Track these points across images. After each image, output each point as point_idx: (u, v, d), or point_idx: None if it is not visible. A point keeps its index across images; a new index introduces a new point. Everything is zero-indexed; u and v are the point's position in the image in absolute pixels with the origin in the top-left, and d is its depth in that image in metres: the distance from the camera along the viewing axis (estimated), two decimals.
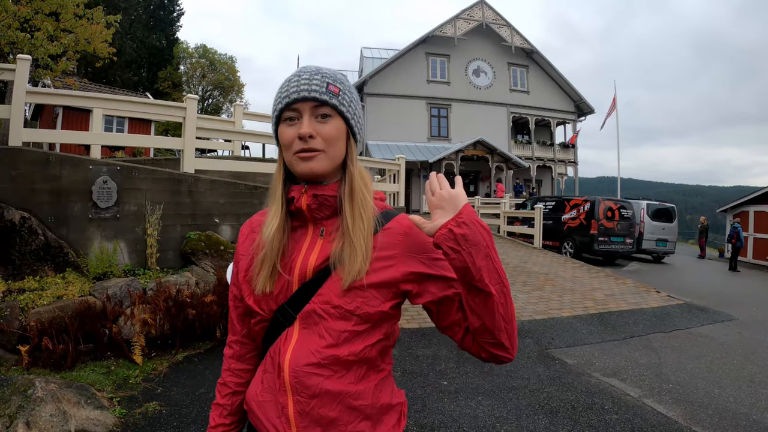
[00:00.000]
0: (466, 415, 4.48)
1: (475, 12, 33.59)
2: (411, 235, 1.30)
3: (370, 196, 1.31)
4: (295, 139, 1.24)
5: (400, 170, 13.25)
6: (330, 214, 1.30)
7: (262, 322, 1.33)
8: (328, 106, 1.25)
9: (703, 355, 6.55)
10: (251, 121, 15.30)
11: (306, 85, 1.24)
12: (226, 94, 48.58)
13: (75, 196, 6.49)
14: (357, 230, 1.23)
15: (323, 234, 1.30)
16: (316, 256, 1.27)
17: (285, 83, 1.28)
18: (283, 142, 1.27)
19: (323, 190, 1.28)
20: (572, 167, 36.60)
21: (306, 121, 1.24)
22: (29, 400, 3.68)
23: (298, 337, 1.24)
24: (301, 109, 1.24)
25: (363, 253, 1.22)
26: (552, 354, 6.31)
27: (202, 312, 5.94)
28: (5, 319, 4.91)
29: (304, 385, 1.19)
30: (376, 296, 1.23)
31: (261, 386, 1.30)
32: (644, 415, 4.63)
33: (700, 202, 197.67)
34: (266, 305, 1.30)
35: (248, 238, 1.42)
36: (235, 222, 7.89)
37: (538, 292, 9.83)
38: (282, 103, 1.26)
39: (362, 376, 1.24)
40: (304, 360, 1.20)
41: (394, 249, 1.28)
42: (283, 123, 1.28)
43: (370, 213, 1.28)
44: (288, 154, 1.27)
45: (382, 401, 1.27)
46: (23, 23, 11.36)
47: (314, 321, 1.23)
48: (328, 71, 1.30)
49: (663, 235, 19.50)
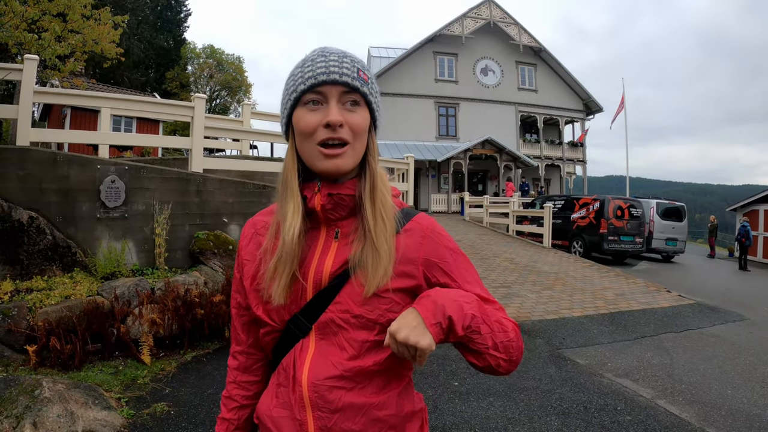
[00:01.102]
0: (478, 416, 4.43)
1: (483, 10, 33.51)
2: (434, 238, 1.22)
3: (389, 195, 1.20)
4: (319, 127, 1.10)
5: (409, 169, 13.24)
6: (346, 214, 1.19)
7: (272, 333, 1.22)
8: (359, 94, 1.14)
9: (715, 356, 6.48)
10: (259, 120, 15.31)
11: (336, 67, 1.12)
12: (233, 94, 48.66)
13: (83, 196, 6.48)
14: (380, 233, 1.13)
15: (338, 236, 1.19)
16: (331, 261, 1.16)
17: (308, 62, 1.15)
18: (301, 128, 1.13)
19: (339, 188, 1.16)
20: (581, 166, 36.52)
21: (335, 108, 1.11)
22: (36, 401, 3.65)
23: (315, 348, 1.15)
24: (327, 93, 1.11)
25: (387, 257, 1.12)
26: (563, 354, 6.26)
27: (211, 312, 5.93)
28: (13, 319, 4.90)
29: (326, 400, 1.11)
30: (398, 302, 1.15)
31: (275, 400, 1.20)
32: (657, 416, 4.57)
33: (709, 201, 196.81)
34: (278, 315, 1.19)
35: (252, 241, 1.29)
36: (244, 221, 7.83)
37: (548, 291, 9.77)
38: (306, 84, 1.11)
39: (384, 385, 1.16)
40: (325, 373, 1.12)
41: (417, 252, 1.19)
42: (303, 106, 1.13)
43: (391, 213, 1.17)
44: (308, 144, 1.13)
45: (405, 409, 1.19)
46: (31, 24, 11.38)
47: (333, 331, 1.14)
48: (355, 56, 1.18)
49: (673, 235, 19.39)
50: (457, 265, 1.22)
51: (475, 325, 1.07)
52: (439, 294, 1.08)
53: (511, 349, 1.12)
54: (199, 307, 5.86)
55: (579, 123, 36.89)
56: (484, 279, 10.31)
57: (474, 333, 1.07)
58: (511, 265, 12.49)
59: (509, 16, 34.11)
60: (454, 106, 33.60)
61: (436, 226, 1.24)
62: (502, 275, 11.03)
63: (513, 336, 1.13)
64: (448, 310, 1.04)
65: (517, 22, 34.17)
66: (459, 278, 1.20)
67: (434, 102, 33.18)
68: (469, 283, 1.20)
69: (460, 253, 1.25)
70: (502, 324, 1.13)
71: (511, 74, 34.70)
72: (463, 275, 1.21)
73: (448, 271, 1.20)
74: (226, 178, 7.99)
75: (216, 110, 45.85)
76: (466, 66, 33.73)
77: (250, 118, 13.28)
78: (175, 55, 43.70)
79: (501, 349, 1.11)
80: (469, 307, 1.07)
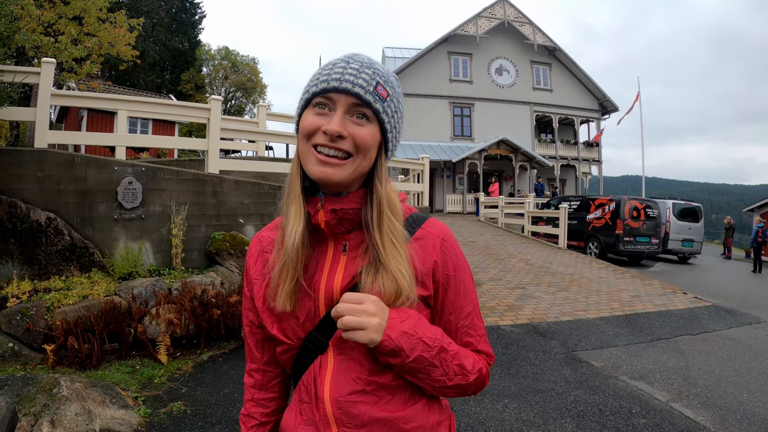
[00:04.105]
0: (493, 417, 4.43)
1: (497, 10, 33.40)
2: (444, 250, 1.20)
3: (399, 220, 1.16)
4: (318, 131, 1.08)
5: (424, 170, 13.24)
6: (351, 227, 1.16)
7: (290, 350, 1.20)
8: (370, 109, 1.09)
9: (731, 358, 6.42)
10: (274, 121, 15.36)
11: (351, 76, 1.07)
12: (248, 95, 48.83)
13: (100, 197, 6.54)
14: (392, 261, 1.09)
15: (346, 250, 1.16)
16: (341, 276, 1.14)
17: (328, 66, 1.12)
18: (303, 128, 1.11)
19: (342, 203, 1.13)
20: (596, 166, 36.26)
21: (338, 118, 1.07)
22: (54, 399, 3.70)
23: (334, 364, 1.13)
24: (336, 100, 1.08)
25: (407, 282, 1.09)
26: (578, 356, 6.23)
27: (227, 312, 5.96)
28: (31, 318, 4.96)
29: (350, 415, 1.09)
30: None
31: (299, 417, 1.17)
32: (672, 419, 4.53)
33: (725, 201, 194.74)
34: (293, 333, 1.17)
35: (259, 259, 1.26)
36: (260, 222, 7.90)
37: (563, 293, 9.72)
38: (317, 87, 1.09)
39: (408, 398, 1.14)
40: (347, 389, 1.10)
41: (428, 262, 1.16)
42: (311, 108, 1.11)
43: (401, 238, 1.13)
44: (305, 144, 1.11)
45: (432, 420, 1.17)
46: (47, 27, 11.49)
47: (350, 346, 1.11)
48: (382, 68, 1.13)
49: (689, 235, 19.16)
50: (456, 286, 1.21)
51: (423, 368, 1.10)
52: (418, 326, 1.10)
53: (466, 390, 1.18)
54: (216, 307, 5.90)
55: (594, 123, 36.64)
56: (499, 280, 10.30)
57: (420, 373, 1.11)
58: (527, 266, 12.45)
59: (523, 15, 33.95)
60: (468, 106, 33.52)
61: (447, 234, 1.22)
62: (517, 276, 11.00)
63: (472, 380, 1.17)
64: (415, 351, 1.08)
65: (531, 22, 34.00)
66: (456, 299, 1.21)
67: (449, 102, 33.13)
68: (461, 309, 1.22)
69: (465, 269, 1.24)
70: (463, 368, 1.16)
71: (525, 74, 34.56)
72: (460, 301, 1.22)
73: (448, 288, 1.20)
74: (241, 179, 8.03)
75: (231, 111, 46.05)
76: (480, 66, 33.63)
77: (266, 119, 13.32)
78: (190, 56, 43.92)
79: (451, 389, 1.16)
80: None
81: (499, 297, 9.02)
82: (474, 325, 1.24)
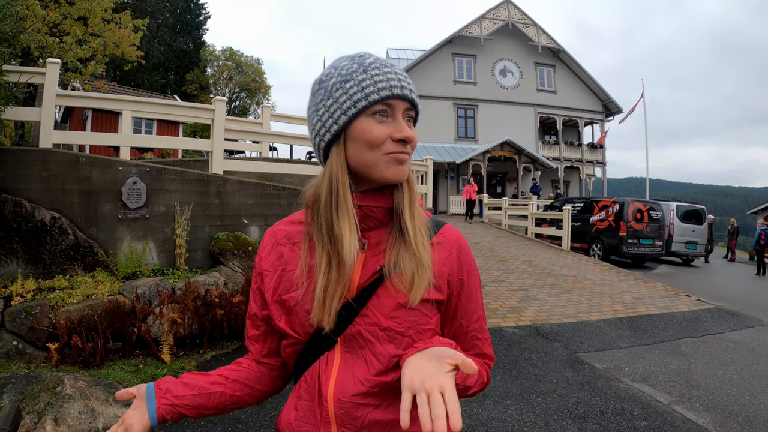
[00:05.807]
0: (494, 419, 4.43)
1: (501, 12, 33.42)
2: (460, 257, 1.21)
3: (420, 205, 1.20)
4: (387, 140, 1.08)
5: (428, 171, 13.22)
6: (374, 225, 1.16)
7: (296, 344, 1.18)
8: (416, 111, 1.14)
9: (733, 361, 6.40)
10: (278, 122, 15.36)
11: (406, 83, 1.11)
12: (252, 96, 48.84)
13: (105, 197, 6.57)
14: (420, 244, 1.12)
15: (365, 247, 1.15)
16: (359, 273, 1.13)
17: (375, 70, 1.10)
18: (370, 139, 1.08)
19: (370, 200, 1.14)
20: (600, 168, 36.24)
21: (405, 124, 1.10)
22: (58, 397, 3.72)
23: (340, 362, 1.12)
24: (396, 106, 1.09)
25: (429, 267, 1.11)
26: (581, 358, 6.23)
27: (230, 312, 5.97)
28: (35, 317, 4.98)
29: (352, 416, 1.08)
30: (426, 314, 1.13)
31: (296, 414, 1.17)
32: (674, 422, 4.53)
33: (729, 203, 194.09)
34: (302, 328, 1.15)
35: (273, 252, 1.23)
36: (263, 223, 7.92)
37: (566, 294, 9.71)
38: (379, 94, 1.07)
39: None
40: (352, 390, 1.09)
41: (445, 267, 1.17)
42: (369, 116, 1.08)
43: (425, 224, 1.17)
44: (373, 153, 1.09)
45: None
46: (52, 28, 11.55)
47: (359, 345, 1.11)
48: None
49: (693, 238, 19.09)
50: (469, 291, 1.22)
51: None
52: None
53: (467, 393, 1.18)
54: (219, 307, 5.91)
55: (598, 124, 36.60)
56: (502, 282, 10.31)
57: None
58: (530, 267, 12.44)
59: (527, 17, 33.96)
60: (472, 108, 33.53)
61: (462, 241, 1.23)
62: (520, 278, 10.99)
63: (473, 391, 1.20)
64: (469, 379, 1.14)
65: (535, 23, 34.02)
66: (468, 303, 1.23)
67: (453, 103, 33.14)
68: (472, 313, 1.24)
69: (477, 275, 1.25)
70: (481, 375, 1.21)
71: (529, 75, 34.56)
72: (472, 306, 1.23)
73: (462, 293, 1.21)
74: (245, 179, 8.04)
75: (235, 112, 46.12)
76: (484, 67, 33.65)
77: (270, 120, 13.33)
78: (194, 57, 44.03)
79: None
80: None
81: (502, 298, 9.01)
82: (482, 329, 1.26)
